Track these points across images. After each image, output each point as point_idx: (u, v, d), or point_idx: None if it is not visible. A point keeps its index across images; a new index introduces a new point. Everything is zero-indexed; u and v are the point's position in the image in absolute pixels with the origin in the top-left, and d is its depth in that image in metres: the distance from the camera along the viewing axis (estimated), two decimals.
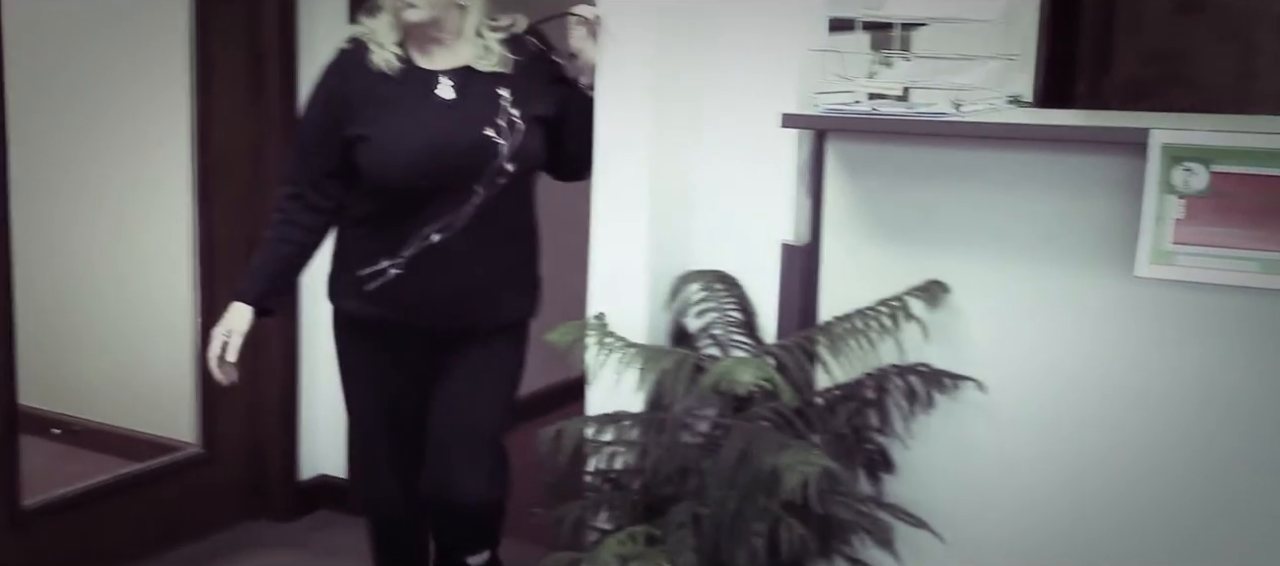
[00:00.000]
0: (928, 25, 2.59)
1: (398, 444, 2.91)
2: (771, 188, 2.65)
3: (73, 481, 3.60)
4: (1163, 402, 2.34)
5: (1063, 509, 2.44)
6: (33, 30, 3.34)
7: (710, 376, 2.32)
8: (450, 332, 2.78)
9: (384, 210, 2.69)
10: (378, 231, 2.71)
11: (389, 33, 2.69)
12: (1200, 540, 2.33)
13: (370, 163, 2.66)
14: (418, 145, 2.64)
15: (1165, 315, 2.31)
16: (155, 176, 4.01)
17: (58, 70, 4.13)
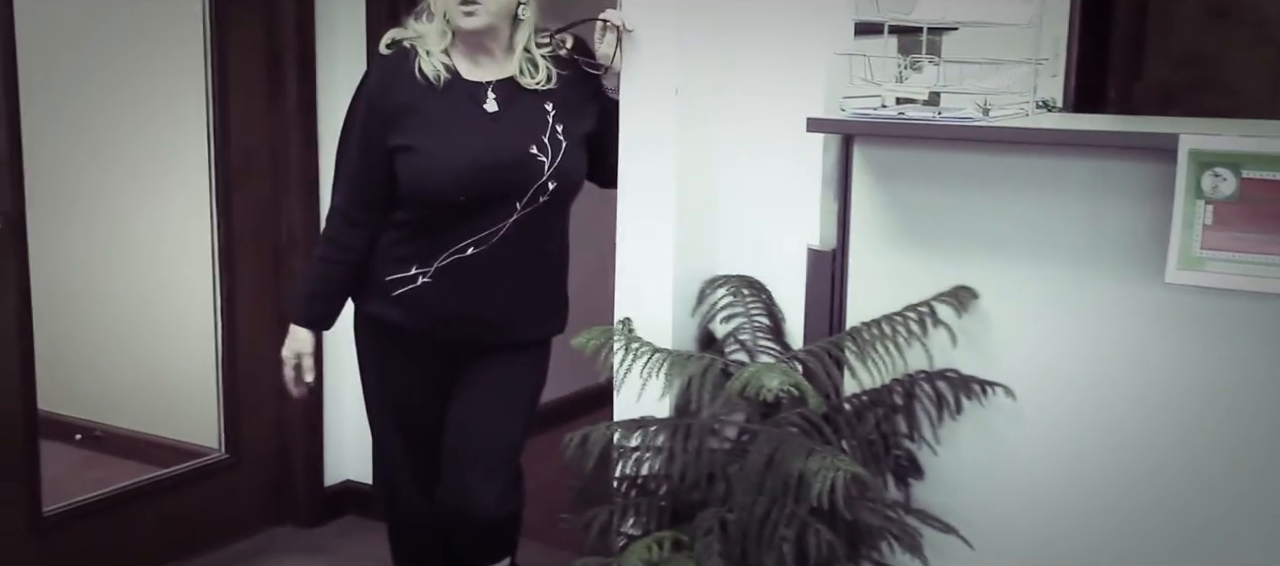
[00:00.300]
0: (956, 29, 2.58)
1: (417, 450, 2.90)
2: (798, 192, 2.64)
3: (95, 487, 3.61)
4: (1192, 408, 2.32)
5: (1092, 515, 2.43)
6: (48, 35, 3.36)
7: (737, 382, 2.31)
8: (473, 344, 2.78)
9: (421, 219, 2.67)
10: (412, 239, 2.69)
11: (438, 40, 2.66)
12: (1230, 546, 2.31)
13: (412, 174, 2.64)
14: (462, 160, 2.62)
15: (1195, 321, 2.30)
16: (174, 180, 4.02)
17: (74, 74, 4.15)
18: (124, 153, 4.23)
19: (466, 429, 2.80)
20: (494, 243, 2.65)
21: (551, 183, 2.66)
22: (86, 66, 4.19)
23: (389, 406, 2.90)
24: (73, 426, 4.23)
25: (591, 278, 3.04)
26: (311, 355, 2.83)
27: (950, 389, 2.48)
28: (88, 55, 4.19)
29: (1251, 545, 2.29)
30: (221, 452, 3.83)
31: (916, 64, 2.54)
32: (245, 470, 3.84)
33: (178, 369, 4.11)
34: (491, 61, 2.70)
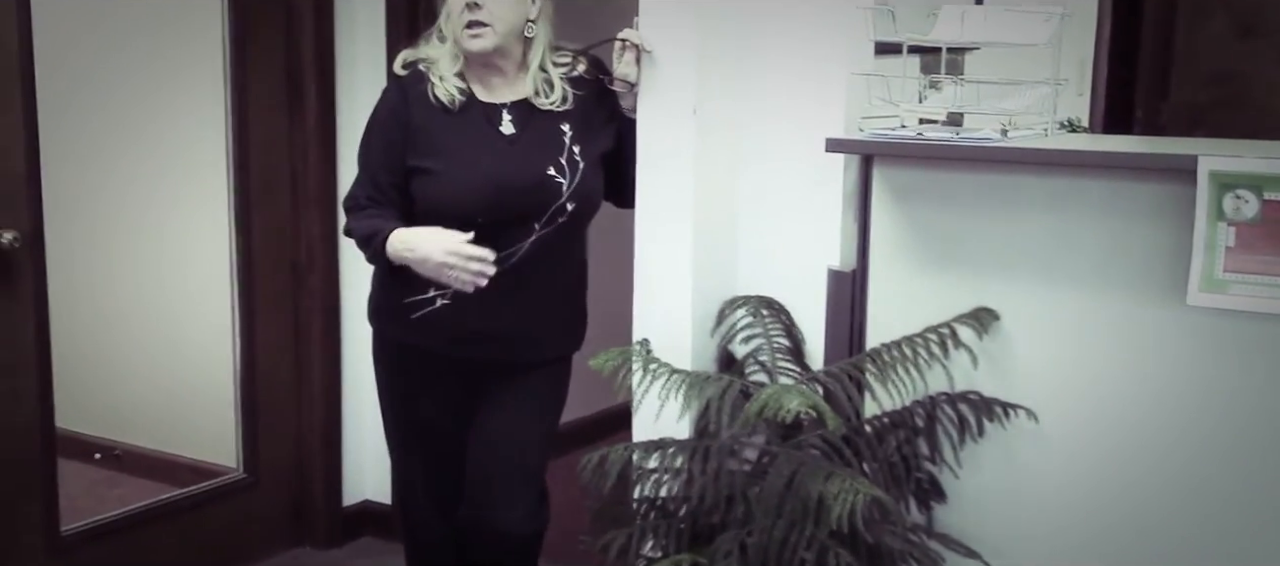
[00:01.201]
0: (977, 49, 2.57)
1: (435, 471, 2.90)
2: (817, 213, 2.63)
3: (114, 506, 3.61)
4: (1215, 431, 2.30)
5: (1115, 538, 2.41)
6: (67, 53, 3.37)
7: (756, 403, 2.29)
8: (493, 365, 2.77)
9: None
10: None
11: (450, 64, 2.67)
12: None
13: (429, 196, 2.63)
14: (479, 182, 2.61)
15: (1217, 343, 2.27)
16: (194, 198, 4.03)
17: (93, 91, 4.16)
18: (143, 170, 4.24)
19: (490, 448, 2.79)
20: (513, 263, 2.64)
21: (570, 204, 2.65)
22: (106, 83, 4.20)
23: (408, 429, 2.89)
24: (92, 445, 4.23)
25: (608, 295, 3.03)
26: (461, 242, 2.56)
27: (972, 411, 2.47)
28: (107, 73, 4.20)
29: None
30: (240, 472, 3.82)
31: (936, 84, 2.54)
32: (263, 490, 3.83)
33: (196, 387, 4.11)
34: (505, 82, 2.70)
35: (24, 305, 3.12)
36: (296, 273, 3.80)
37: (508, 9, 2.61)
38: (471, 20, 2.59)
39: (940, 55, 2.51)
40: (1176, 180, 2.23)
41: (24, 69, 3.05)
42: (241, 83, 3.63)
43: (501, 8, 2.60)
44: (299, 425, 3.85)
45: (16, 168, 3.05)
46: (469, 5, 2.58)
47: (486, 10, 2.58)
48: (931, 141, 2.42)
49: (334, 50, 3.75)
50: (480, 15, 2.58)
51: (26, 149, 3.07)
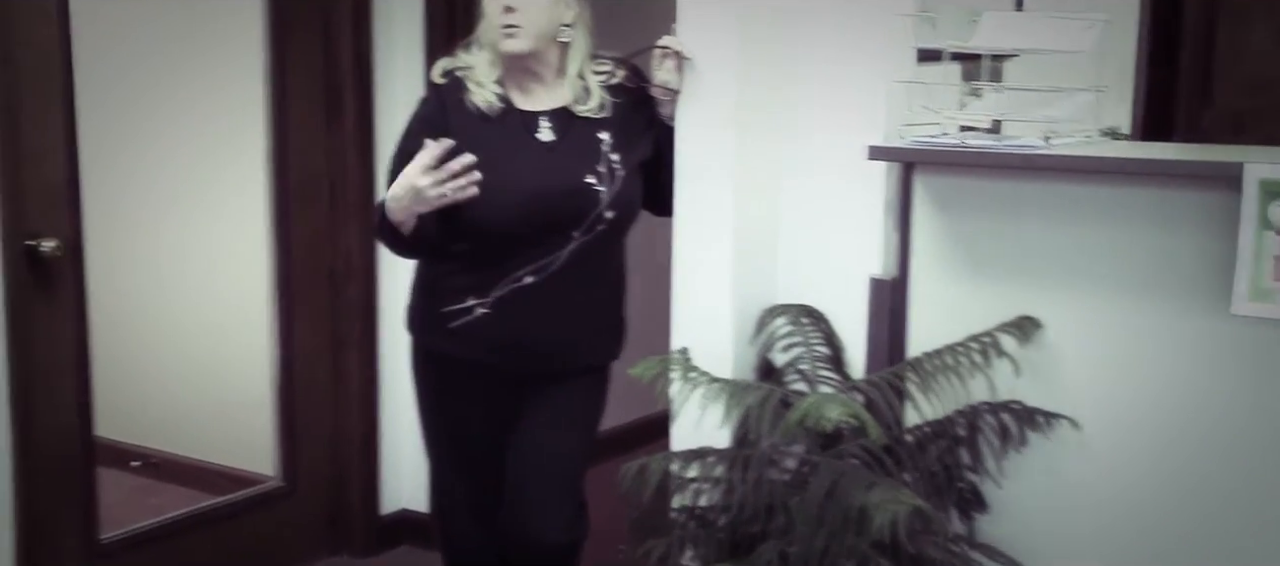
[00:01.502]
0: (1018, 56, 2.55)
1: (474, 482, 2.89)
2: (858, 221, 2.62)
3: (152, 515, 3.62)
4: (1260, 442, 2.27)
5: (1159, 549, 2.38)
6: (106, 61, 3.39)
7: (797, 412, 2.28)
8: (532, 374, 2.76)
9: (477, 250, 2.66)
10: (468, 269, 2.67)
11: (489, 71, 2.67)
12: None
13: (468, 205, 2.62)
14: (518, 191, 2.61)
15: (1263, 353, 2.25)
16: (232, 206, 4.06)
17: (131, 99, 4.18)
18: (182, 178, 4.27)
19: (530, 458, 2.78)
20: (552, 271, 2.64)
21: (608, 212, 2.65)
22: (144, 91, 4.23)
23: (447, 438, 2.89)
24: (130, 453, 4.26)
25: (646, 303, 3.02)
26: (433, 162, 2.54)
27: (1014, 420, 2.45)
28: (146, 80, 4.23)
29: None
30: (278, 480, 3.83)
31: (977, 91, 2.52)
32: (301, 498, 3.84)
33: (235, 395, 4.13)
34: (543, 89, 2.70)
35: (64, 313, 3.14)
36: (334, 281, 3.81)
37: (540, 11, 2.61)
38: (506, 22, 2.59)
39: (981, 62, 2.50)
40: (1222, 188, 2.20)
41: (64, 78, 3.07)
42: (281, 91, 3.64)
43: (535, 10, 2.60)
44: (336, 433, 3.86)
45: (57, 176, 3.08)
46: (505, 9, 2.59)
47: (521, 12, 2.59)
48: (974, 149, 2.41)
49: (372, 59, 3.76)
50: (515, 17, 2.59)
51: (66, 158, 3.10)
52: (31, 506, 3.08)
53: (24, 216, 3.01)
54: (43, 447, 3.11)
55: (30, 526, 3.08)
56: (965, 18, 2.50)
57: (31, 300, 3.05)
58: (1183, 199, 2.29)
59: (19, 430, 3.02)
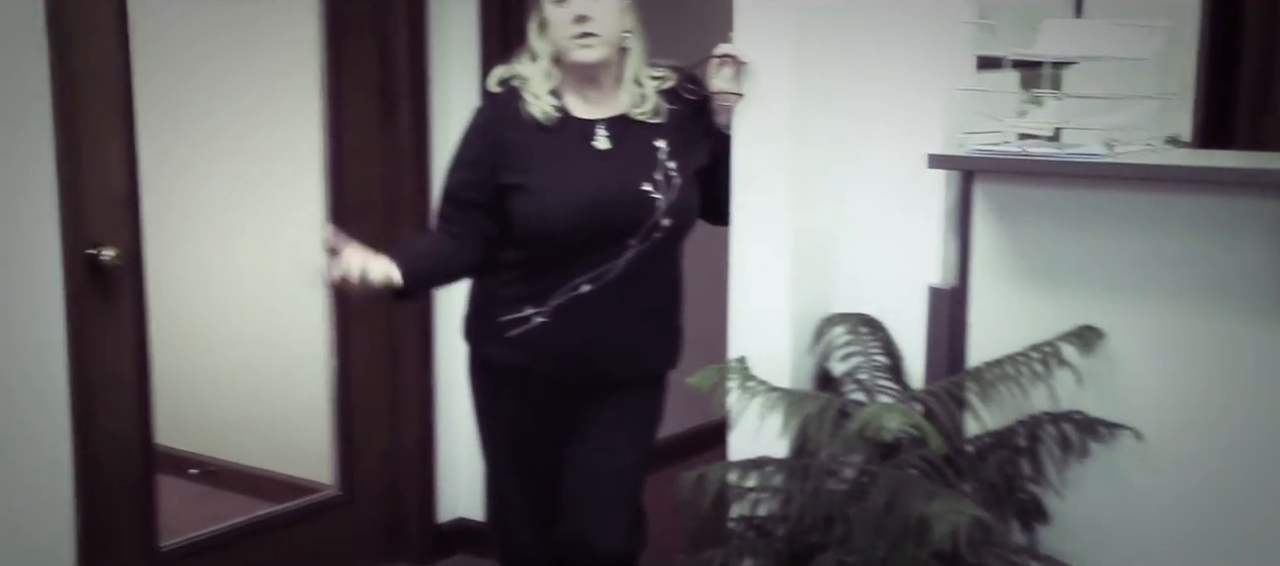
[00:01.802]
0: (1079, 63, 2.53)
1: (531, 492, 2.89)
2: (917, 229, 2.61)
3: (211, 522, 3.65)
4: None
5: (1223, 561, 2.35)
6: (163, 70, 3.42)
7: (856, 422, 2.27)
8: (589, 384, 2.76)
9: (534, 258, 2.66)
10: (525, 278, 2.68)
11: (544, 81, 2.66)
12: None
13: (525, 213, 2.63)
14: (575, 198, 2.61)
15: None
16: (288, 215, 4.08)
17: (189, 110, 4.21)
18: (239, 186, 4.30)
19: (588, 468, 2.77)
20: (609, 279, 2.64)
21: (665, 219, 2.64)
22: (202, 102, 4.26)
23: (504, 448, 2.89)
24: (189, 461, 4.29)
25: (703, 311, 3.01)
26: (370, 275, 2.63)
27: (1076, 431, 2.42)
28: (203, 91, 4.26)
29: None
30: (335, 489, 3.85)
31: (1038, 99, 2.50)
32: (358, 506, 3.85)
33: (292, 404, 4.15)
34: (601, 97, 2.69)
35: (124, 322, 3.17)
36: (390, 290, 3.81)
37: (614, 18, 2.61)
38: (582, 32, 2.59)
39: (1040, 70, 2.48)
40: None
41: (123, 89, 3.10)
42: (336, 99, 3.66)
43: (608, 16, 2.60)
44: (393, 442, 3.87)
45: (117, 186, 3.11)
46: (578, 18, 2.58)
47: (596, 20, 2.58)
48: (1036, 157, 2.39)
49: (427, 67, 3.77)
50: (591, 26, 2.58)
51: (126, 167, 3.12)
52: (92, 514, 3.10)
53: (85, 226, 3.03)
54: (103, 455, 3.13)
55: (91, 533, 3.10)
56: (1026, 25, 2.48)
57: (92, 309, 3.08)
58: (1246, 207, 2.27)
59: (80, 437, 3.05)
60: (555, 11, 2.61)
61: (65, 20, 2.92)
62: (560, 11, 2.60)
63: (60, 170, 2.93)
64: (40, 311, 2.95)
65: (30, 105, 2.87)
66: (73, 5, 2.94)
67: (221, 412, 4.38)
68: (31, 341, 2.94)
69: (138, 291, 3.20)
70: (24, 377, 2.93)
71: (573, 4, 2.58)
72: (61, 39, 2.91)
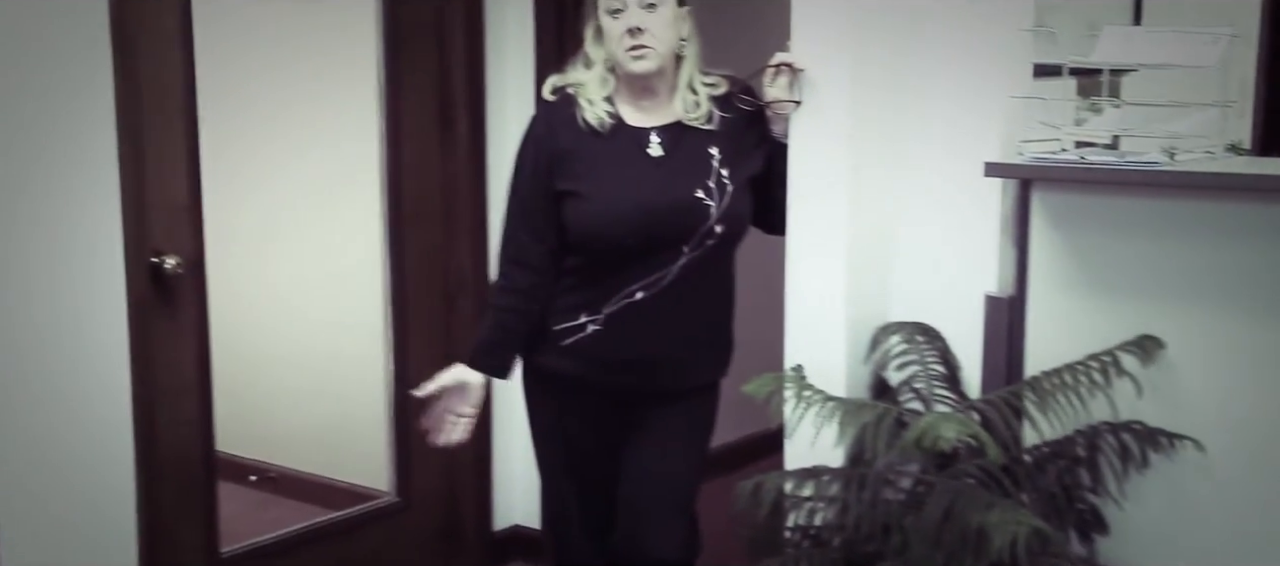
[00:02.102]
0: (1137, 71, 2.51)
1: (587, 501, 2.89)
2: (974, 237, 2.60)
3: (269, 529, 3.67)
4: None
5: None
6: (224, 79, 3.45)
7: (913, 431, 2.26)
8: (643, 392, 2.76)
9: (588, 265, 2.67)
10: (579, 286, 2.69)
11: (599, 88, 2.67)
12: None
13: (578, 220, 2.65)
14: (628, 205, 2.62)
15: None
16: (348, 224, 4.11)
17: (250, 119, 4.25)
18: (297, 196, 4.34)
19: (642, 476, 2.78)
20: (663, 286, 2.64)
21: (718, 226, 2.64)
22: (261, 111, 4.30)
23: (560, 457, 2.89)
24: (248, 468, 4.32)
25: (758, 318, 3.01)
26: (475, 410, 2.79)
27: (1136, 441, 2.40)
28: (263, 100, 4.31)
29: None
30: (392, 496, 3.87)
31: (1097, 107, 2.48)
32: (415, 514, 3.87)
33: (350, 411, 4.17)
34: (655, 105, 2.70)
35: (186, 330, 3.21)
36: (448, 297, 3.85)
37: (668, 29, 2.61)
38: (635, 44, 2.60)
39: (1098, 77, 2.46)
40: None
41: (186, 99, 3.13)
42: (395, 111, 3.68)
43: (662, 28, 2.60)
44: (450, 450, 3.86)
45: (179, 195, 3.14)
46: (632, 30, 2.59)
47: (650, 32, 2.59)
48: (1096, 165, 2.37)
49: (484, 76, 3.79)
50: (644, 38, 2.59)
51: (188, 176, 3.16)
52: (154, 519, 3.13)
53: (147, 234, 3.07)
54: (165, 461, 3.17)
55: (153, 539, 3.13)
56: (1084, 32, 2.46)
57: (154, 316, 3.11)
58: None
59: (142, 444, 3.08)
60: (610, 22, 2.62)
61: (129, 30, 2.95)
62: (615, 23, 2.61)
63: (124, 179, 2.97)
64: (104, 319, 2.98)
65: (94, 114, 2.91)
66: (136, 15, 2.97)
67: (280, 420, 4.42)
68: (96, 349, 2.98)
69: (200, 299, 3.23)
70: (88, 385, 2.97)
71: (627, 16, 2.59)
72: (125, 48, 2.95)
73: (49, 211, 2.86)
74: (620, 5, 2.59)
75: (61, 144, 2.86)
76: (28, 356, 2.85)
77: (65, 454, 2.94)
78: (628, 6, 2.58)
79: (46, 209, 2.85)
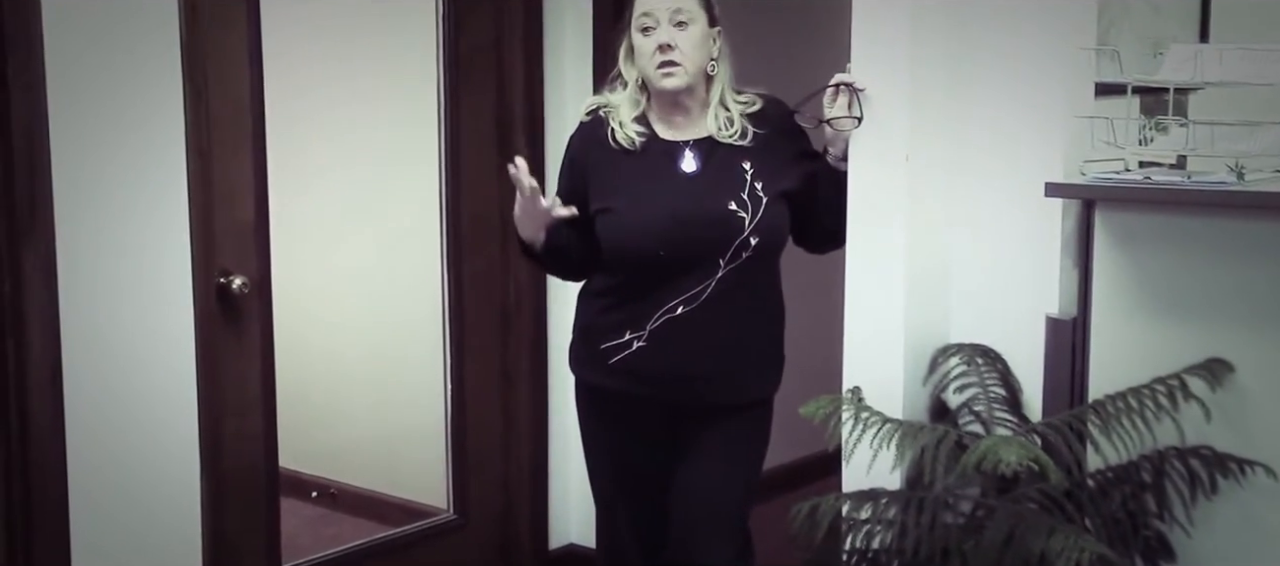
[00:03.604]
0: (1204, 89, 2.47)
1: (639, 518, 2.89)
2: (1035, 259, 2.56)
3: (329, 545, 3.71)
4: None
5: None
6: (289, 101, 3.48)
7: (973, 455, 2.23)
8: (693, 407, 2.76)
9: (628, 282, 2.70)
10: (622, 304, 2.71)
11: (630, 108, 2.73)
12: None
13: (613, 235, 2.69)
14: (661, 219, 2.65)
15: None
16: (407, 243, 4.14)
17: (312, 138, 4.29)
18: (358, 214, 4.38)
19: (693, 493, 2.77)
20: (703, 300, 2.65)
21: (753, 238, 2.65)
22: (323, 131, 4.35)
23: (612, 475, 2.90)
24: (309, 484, 4.36)
25: (815, 340, 2.99)
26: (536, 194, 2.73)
27: (1204, 467, 2.35)
28: (325, 121, 4.35)
29: None
30: (449, 513, 3.88)
31: (1162, 125, 2.44)
32: (472, 531, 3.88)
33: (409, 428, 4.20)
34: (688, 121, 2.73)
35: (251, 348, 3.24)
36: (505, 316, 3.86)
37: (696, 47, 2.66)
38: (665, 60, 2.64)
39: (1163, 96, 2.42)
40: None
41: (255, 122, 3.17)
42: (454, 130, 3.71)
43: (691, 47, 2.65)
44: (507, 467, 3.90)
45: (246, 216, 3.18)
46: (661, 47, 2.63)
47: (679, 50, 2.64)
48: (1160, 185, 2.33)
49: (542, 97, 3.81)
50: (673, 55, 2.64)
51: (256, 197, 3.20)
52: (219, 534, 3.17)
53: (215, 254, 3.11)
54: (230, 477, 3.20)
55: (217, 554, 3.16)
56: (1148, 50, 2.43)
57: (221, 335, 3.15)
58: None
59: (208, 459, 3.12)
60: (641, 40, 2.68)
61: (200, 54, 3.00)
62: (645, 41, 2.67)
63: (192, 200, 3.01)
64: (172, 337, 3.02)
65: (166, 137, 2.96)
66: (207, 39, 3.02)
67: (341, 436, 4.45)
68: (163, 366, 3.02)
69: (265, 318, 3.26)
70: (156, 401, 3.01)
71: (656, 34, 2.65)
72: (196, 72, 2.99)
73: (120, 231, 2.90)
74: (652, 23, 2.66)
75: (133, 165, 2.91)
76: (98, 373, 2.89)
77: (134, 469, 2.97)
78: (659, 24, 2.65)
79: (117, 228, 2.90)
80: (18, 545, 2.82)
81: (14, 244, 2.74)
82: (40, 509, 2.82)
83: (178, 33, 2.94)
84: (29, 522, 2.82)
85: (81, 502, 2.88)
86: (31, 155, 2.74)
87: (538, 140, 3.81)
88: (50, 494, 2.83)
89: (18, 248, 2.74)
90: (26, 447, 2.80)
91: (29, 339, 2.77)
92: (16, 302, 2.76)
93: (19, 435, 2.79)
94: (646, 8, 2.66)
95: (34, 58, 2.72)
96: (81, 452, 2.87)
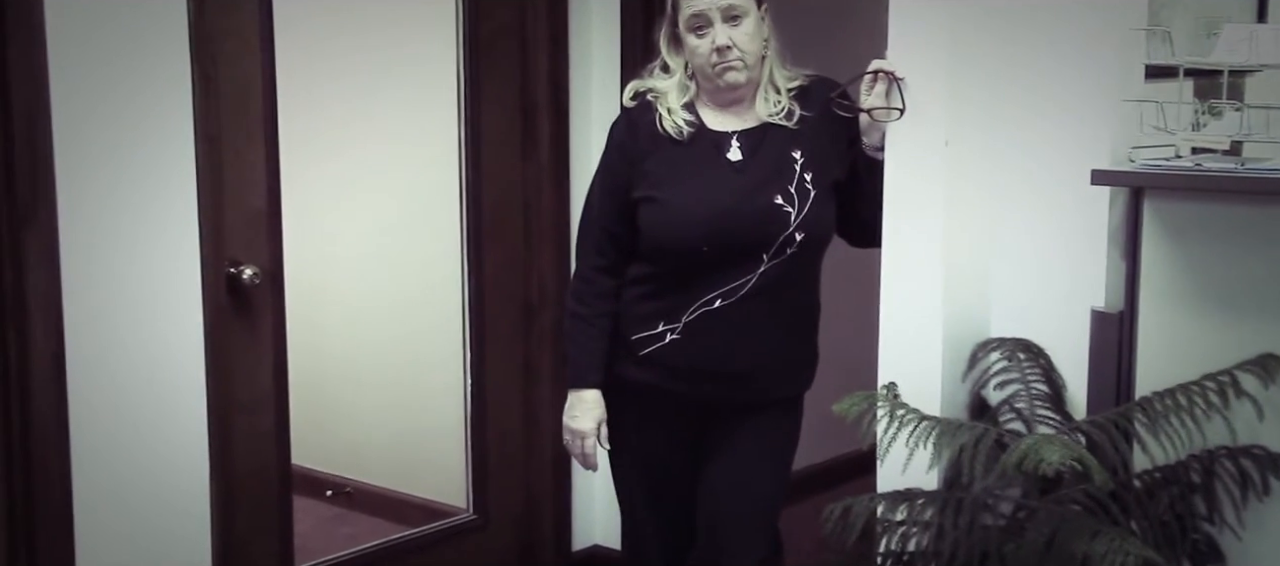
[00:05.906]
0: (1261, 71, 2.37)
1: (665, 516, 2.85)
2: (1080, 249, 2.48)
3: (345, 545, 3.66)
4: None
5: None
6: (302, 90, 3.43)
7: (1014, 454, 2.14)
8: (723, 404, 2.71)
9: (666, 273, 2.64)
10: (657, 294, 2.66)
11: (678, 96, 2.67)
12: None
13: (654, 226, 2.63)
14: (704, 212, 2.59)
15: None
16: (426, 236, 4.08)
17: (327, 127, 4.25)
18: (374, 205, 4.33)
19: (721, 493, 2.72)
20: (742, 295, 2.59)
21: (798, 234, 2.59)
22: (339, 119, 4.30)
23: (637, 472, 2.84)
24: (324, 482, 4.31)
25: (849, 335, 2.91)
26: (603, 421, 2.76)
27: (1256, 467, 2.27)
28: (341, 108, 4.30)
29: None
30: (469, 513, 3.82)
31: (1215, 110, 2.34)
32: (493, 532, 3.82)
33: (427, 426, 4.15)
34: (740, 109, 2.67)
35: (263, 340, 3.18)
36: (527, 311, 3.79)
37: (751, 40, 2.60)
38: (725, 59, 2.58)
39: (1217, 79, 2.33)
40: None
41: (267, 108, 3.11)
42: (476, 118, 3.64)
43: (748, 40, 2.59)
44: (528, 467, 3.84)
45: (257, 204, 3.12)
46: (720, 49, 2.57)
47: (737, 47, 2.58)
48: (1213, 173, 2.24)
49: (568, 85, 3.75)
50: (732, 54, 2.58)
51: (267, 186, 3.14)
52: (229, 534, 3.11)
53: (225, 244, 3.05)
54: (241, 475, 3.15)
55: (228, 553, 3.11)
56: (1202, 31, 2.33)
57: (232, 327, 3.09)
58: None
59: (217, 456, 3.06)
60: (695, 41, 2.61)
61: (209, 36, 2.95)
62: (701, 41, 2.60)
63: (202, 188, 2.96)
64: (181, 329, 2.97)
65: (173, 123, 2.91)
66: (216, 22, 2.96)
67: (356, 434, 4.41)
68: (172, 359, 2.97)
69: (277, 310, 3.21)
70: (164, 395, 2.96)
71: (713, 32, 2.58)
72: (205, 55, 2.94)
73: (127, 220, 2.85)
74: (705, 22, 2.59)
75: (140, 152, 2.86)
76: (103, 368, 2.85)
77: (141, 465, 2.93)
78: (713, 23, 2.58)
79: (123, 217, 2.85)
80: (19, 545, 2.77)
81: (15, 229, 2.68)
82: (42, 507, 2.77)
83: (186, 14, 2.88)
84: (31, 522, 2.77)
85: (85, 502, 2.83)
86: (33, 140, 2.68)
87: (563, 127, 3.74)
88: (53, 492, 2.78)
89: (19, 233, 2.69)
90: (28, 443, 2.74)
91: (31, 329, 2.72)
92: (19, 290, 2.70)
93: (20, 429, 2.74)
94: (697, 9, 2.58)
95: (36, 40, 2.66)
96: (85, 450, 2.82)
